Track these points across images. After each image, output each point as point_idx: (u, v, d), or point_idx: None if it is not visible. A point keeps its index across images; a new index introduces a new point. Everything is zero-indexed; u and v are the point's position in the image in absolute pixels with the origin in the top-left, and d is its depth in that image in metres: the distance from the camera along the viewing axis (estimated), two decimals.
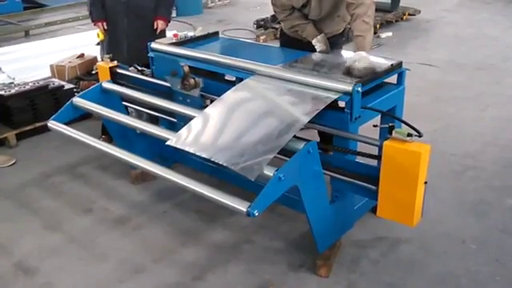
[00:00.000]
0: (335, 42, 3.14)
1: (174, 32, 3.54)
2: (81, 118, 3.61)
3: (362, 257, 2.67)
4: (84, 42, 5.86)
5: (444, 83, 5.22)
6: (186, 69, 2.78)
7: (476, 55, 6.10)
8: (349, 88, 2.37)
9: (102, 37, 3.84)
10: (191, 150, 2.30)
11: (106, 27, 3.80)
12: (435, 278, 2.51)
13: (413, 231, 2.71)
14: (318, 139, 3.07)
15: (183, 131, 2.45)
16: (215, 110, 2.56)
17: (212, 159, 2.21)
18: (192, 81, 2.81)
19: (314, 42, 3.03)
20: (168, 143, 2.40)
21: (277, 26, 7.18)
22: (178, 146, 2.36)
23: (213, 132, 2.40)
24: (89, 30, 6.04)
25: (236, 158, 2.17)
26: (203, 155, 2.25)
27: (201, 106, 2.87)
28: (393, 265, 2.61)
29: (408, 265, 2.61)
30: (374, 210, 2.62)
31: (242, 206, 2.05)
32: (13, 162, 3.73)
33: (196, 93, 2.85)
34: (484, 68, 5.64)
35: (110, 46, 3.83)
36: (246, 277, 2.55)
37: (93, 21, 3.84)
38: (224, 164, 2.16)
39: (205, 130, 2.43)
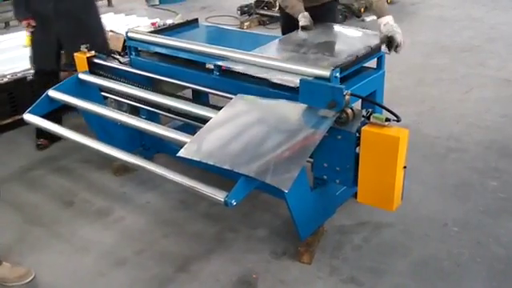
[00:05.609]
0: (330, 8, 3.16)
1: (156, 20, 3.48)
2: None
3: (344, 242, 2.67)
4: None
5: (428, 66, 5.21)
6: (348, 98, 2.19)
7: (461, 37, 6.08)
8: (327, 73, 2.34)
9: (28, 42, 3.61)
10: (210, 162, 2.13)
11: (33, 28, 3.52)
12: (418, 262, 2.51)
13: (395, 215, 2.71)
14: None
15: (194, 141, 2.27)
16: (226, 117, 2.38)
17: (235, 170, 2.05)
18: (350, 112, 2.18)
19: (300, 16, 2.99)
20: (179, 154, 2.22)
21: (261, 11, 7.12)
22: (195, 158, 2.18)
23: (228, 141, 2.23)
24: None
25: (262, 169, 2.03)
26: (225, 167, 2.08)
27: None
28: (375, 249, 2.62)
29: (391, 249, 2.61)
30: (355, 195, 2.62)
31: (219, 195, 2.04)
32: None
33: (353, 128, 2.19)
34: (468, 50, 5.63)
35: (38, 51, 3.62)
36: (229, 266, 2.54)
37: (20, 21, 3.56)
38: (251, 175, 2.02)
39: (218, 139, 2.26)
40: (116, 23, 5.19)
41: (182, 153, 2.22)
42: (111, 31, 4.51)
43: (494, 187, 3.11)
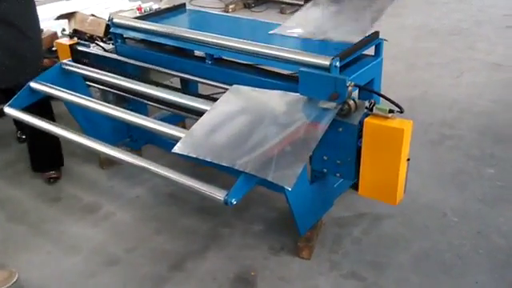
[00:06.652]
0: None
1: (139, 4, 3.32)
2: None
3: (344, 236, 2.60)
4: (42, 15, 5.48)
5: (418, 50, 5.14)
6: (351, 89, 2.07)
7: (449, 20, 6.02)
8: (327, 62, 2.24)
9: None
10: (208, 159, 2.00)
11: None
12: (419, 255, 2.46)
13: (394, 206, 2.63)
14: None
15: (188, 135, 2.12)
16: (222, 110, 2.23)
17: (236, 167, 1.93)
18: (352, 103, 2.07)
19: None
20: (174, 151, 2.08)
21: None
22: (191, 155, 2.05)
23: (226, 136, 2.10)
24: (47, 3, 5.66)
25: (263, 165, 1.91)
26: (223, 163, 1.96)
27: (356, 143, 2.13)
28: (375, 242, 2.56)
29: (391, 241, 2.56)
30: (354, 186, 2.55)
31: (219, 194, 1.93)
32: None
33: (355, 120, 2.09)
34: (457, 33, 5.58)
35: None
36: (226, 263, 2.46)
37: None
38: (252, 173, 1.91)
39: (215, 134, 2.12)
40: (95, 6, 4.97)
41: (176, 149, 2.09)
42: (92, 15, 4.32)
43: (490, 175, 3.07)
